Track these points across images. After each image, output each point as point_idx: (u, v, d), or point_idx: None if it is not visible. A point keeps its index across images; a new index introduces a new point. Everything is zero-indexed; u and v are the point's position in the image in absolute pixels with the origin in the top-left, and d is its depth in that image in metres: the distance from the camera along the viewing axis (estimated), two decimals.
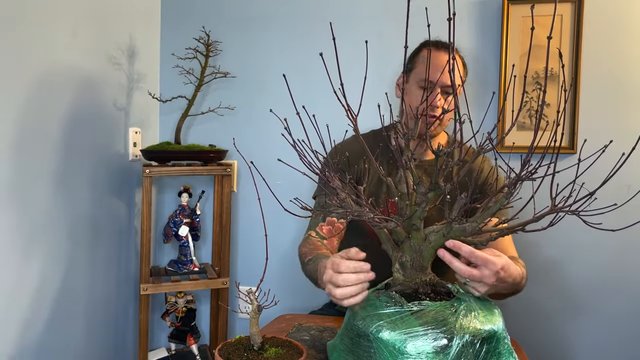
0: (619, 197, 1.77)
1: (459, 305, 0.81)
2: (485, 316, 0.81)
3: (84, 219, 1.53)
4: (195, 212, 1.77)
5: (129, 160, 1.78)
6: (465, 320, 0.78)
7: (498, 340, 0.80)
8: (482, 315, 0.81)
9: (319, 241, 1.25)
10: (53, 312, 1.41)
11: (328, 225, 1.27)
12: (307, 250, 1.19)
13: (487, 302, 0.87)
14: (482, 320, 0.80)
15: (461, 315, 0.79)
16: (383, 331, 0.78)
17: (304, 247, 1.23)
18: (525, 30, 1.67)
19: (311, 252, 1.17)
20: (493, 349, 0.79)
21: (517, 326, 1.71)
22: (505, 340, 0.82)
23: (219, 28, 1.83)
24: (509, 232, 0.83)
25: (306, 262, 1.16)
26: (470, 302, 0.83)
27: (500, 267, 0.84)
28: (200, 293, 1.94)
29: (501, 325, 0.82)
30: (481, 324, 0.79)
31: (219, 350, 0.82)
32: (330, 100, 2.03)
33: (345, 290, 0.84)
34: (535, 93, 1.68)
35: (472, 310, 0.81)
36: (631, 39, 1.63)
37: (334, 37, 0.80)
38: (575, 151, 1.61)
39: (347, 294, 0.84)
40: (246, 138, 1.89)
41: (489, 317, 0.82)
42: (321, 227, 1.27)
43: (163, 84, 1.95)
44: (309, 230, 1.29)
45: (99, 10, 1.56)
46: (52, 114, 1.38)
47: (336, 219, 1.28)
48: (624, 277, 1.68)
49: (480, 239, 0.86)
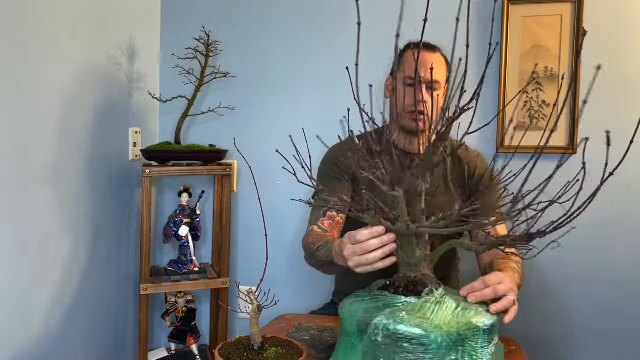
0: (619, 197, 1.78)
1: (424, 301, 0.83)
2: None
3: (84, 219, 1.53)
4: (195, 212, 1.77)
5: (129, 160, 1.78)
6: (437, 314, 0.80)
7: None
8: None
9: (322, 233, 1.28)
10: (53, 312, 1.41)
11: (329, 220, 1.30)
12: (314, 239, 1.22)
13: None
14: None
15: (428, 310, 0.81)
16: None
17: (309, 238, 1.25)
18: (525, 30, 1.67)
19: (319, 239, 1.20)
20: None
21: (517, 326, 1.71)
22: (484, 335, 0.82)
23: (219, 28, 1.83)
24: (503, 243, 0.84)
25: (316, 248, 1.18)
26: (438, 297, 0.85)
27: (514, 294, 0.92)
28: (200, 293, 1.94)
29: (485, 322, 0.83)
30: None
31: (219, 350, 0.82)
32: (329, 100, 2.03)
33: (370, 255, 0.87)
34: (535, 93, 1.68)
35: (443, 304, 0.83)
36: (631, 39, 1.63)
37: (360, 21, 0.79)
38: (575, 151, 1.61)
39: (374, 258, 0.87)
40: (246, 138, 1.89)
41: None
42: (322, 221, 1.30)
43: (163, 84, 1.95)
44: (312, 225, 1.32)
45: (99, 10, 1.56)
46: (52, 113, 1.38)
47: (336, 214, 1.31)
48: (625, 277, 1.68)
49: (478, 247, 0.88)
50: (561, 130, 1.66)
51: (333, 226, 1.31)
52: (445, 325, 0.78)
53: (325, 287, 1.70)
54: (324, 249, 1.14)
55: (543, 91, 1.68)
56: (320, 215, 1.31)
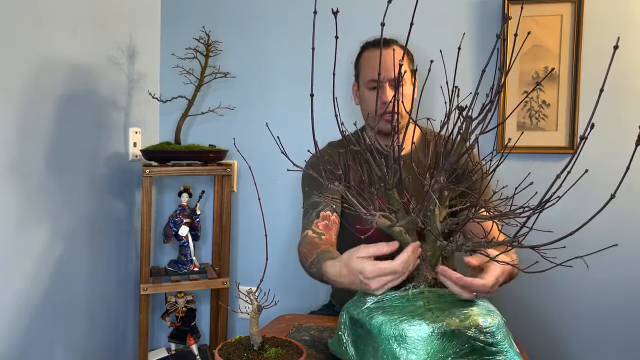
0: (619, 197, 1.77)
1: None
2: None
3: (84, 219, 1.54)
4: (195, 212, 1.77)
5: (129, 160, 1.78)
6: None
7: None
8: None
9: (315, 238, 1.24)
10: (53, 312, 1.41)
11: (323, 221, 1.27)
12: (306, 250, 1.18)
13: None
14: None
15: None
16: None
17: (302, 247, 1.22)
18: (525, 30, 1.67)
19: (310, 252, 1.16)
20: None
21: (517, 326, 1.71)
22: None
23: (219, 28, 1.83)
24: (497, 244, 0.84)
25: (308, 265, 1.14)
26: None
27: (490, 286, 0.86)
28: (200, 293, 1.94)
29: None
30: None
31: (219, 350, 0.82)
32: (330, 99, 2.03)
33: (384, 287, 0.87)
34: (535, 93, 1.68)
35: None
36: (631, 39, 1.63)
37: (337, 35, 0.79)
38: (575, 151, 1.61)
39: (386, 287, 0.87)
40: (246, 138, 1.89)
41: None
42: (316, 223, 1.26)
43: (163, 84, 1.95)
44: (305, 230, 1.28)
45: (99, 10, 1.56)
46: (52, 113, 1.38)
47: (330, 213, 1.28)
48: (625, 278, 1.68)
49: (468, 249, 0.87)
50: (561, 130, 1.66)
51: (329, 226, 1.27)
52: (391, 316, 0.80)
53: (325, 288, 1.70)
54: (314, 269, 1.10)
55: (543, 91, 1.68)
56: (314, 218, 1.27)
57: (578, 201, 1.47)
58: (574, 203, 1.44)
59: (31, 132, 1.30)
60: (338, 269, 0.95)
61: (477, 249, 0.84)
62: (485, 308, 0.85)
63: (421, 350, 0.77)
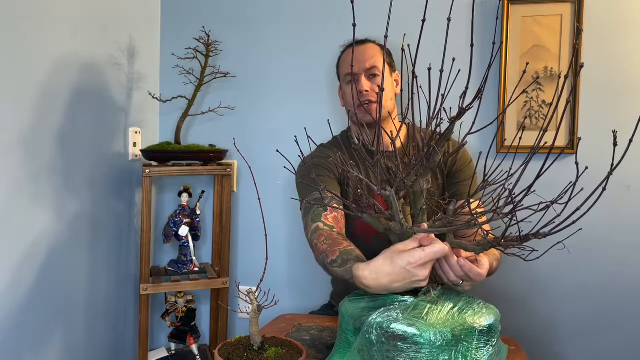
0: (619, 197, 1.78)
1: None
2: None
3: (84, 219, 1.54)
4: (195, 212, 1.77)
5: (129, 160, 1.78)
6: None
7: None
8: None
9: (334, 233, 1.17)
10: (53, 312, 1.41)
11: (332, 213, 1.22)
12: (326, 246, 1.11)
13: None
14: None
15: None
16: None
17: (319, 242, 1.14)
18: (525, 30, 1.67)
19: (332, 249, 1.08)
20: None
21: (517, 326, 1.71)
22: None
23: (219, 28, 1.83)
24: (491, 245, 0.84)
25: (330, 262, 1.07)
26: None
27: (484, 275, 0.94)
28: (200, 293, 1.94)
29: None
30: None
31: (219, 350, 0.82)
32: (329, 98, 2.03)
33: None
34: (535, 93, 1.68)
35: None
36: (631, 39, 1.63)
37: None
38: (575, 151, 1.61)
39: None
40: (246, 138, 1.89)
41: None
42: (326, 216, 1.21)
43: (163, 84, 1.95)
44: (315, 223, 1.21)
45: (99, 10, 1.56)
46: (52, 113, 1.38)
47: (337, 206, 1.24)
48: (624, 277, 1.68)
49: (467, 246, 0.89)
50: (561, 130, 1.66)
51: (338, 219, 1.23)
52: (439, 325, 0.78)
53: (325, 287, 1.70)
54: (341, 269, 1.02)
55: (543, 91, 1.68)
56: (322, 211, 1.22)
57: (578, 200, 1.47)
58: (573, 202, 1.44)
59: (31, 132, 1.30)
60: (383, 267, 0.87)
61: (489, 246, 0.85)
62: (484, 307, 0.85)
63: (421, 350, 0.77)
